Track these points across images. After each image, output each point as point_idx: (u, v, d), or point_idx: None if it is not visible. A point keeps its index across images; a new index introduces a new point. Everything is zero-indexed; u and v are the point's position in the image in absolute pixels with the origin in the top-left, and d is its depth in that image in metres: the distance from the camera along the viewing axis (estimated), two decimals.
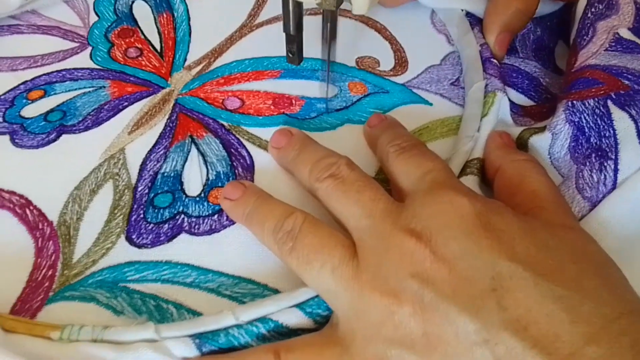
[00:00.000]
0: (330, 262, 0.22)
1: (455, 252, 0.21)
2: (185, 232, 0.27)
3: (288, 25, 0.29)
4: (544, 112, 0.33)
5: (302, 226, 0.24)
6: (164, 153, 0.30)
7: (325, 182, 0.25)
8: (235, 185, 0.27)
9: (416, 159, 0.26)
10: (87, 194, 0.29)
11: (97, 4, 0.39)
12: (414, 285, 0.20)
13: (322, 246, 0.23)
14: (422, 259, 0.21)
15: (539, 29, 0.38)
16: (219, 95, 0.34)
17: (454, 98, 0.34)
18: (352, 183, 0.24)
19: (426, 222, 0.22)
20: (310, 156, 0.27)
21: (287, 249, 0.24)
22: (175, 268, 0.26)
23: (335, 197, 0.25)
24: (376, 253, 0.22)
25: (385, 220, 0.23)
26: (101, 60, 0.35)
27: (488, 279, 0.20)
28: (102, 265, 0.26)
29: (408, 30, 0.38)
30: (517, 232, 0.21)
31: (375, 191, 0.24)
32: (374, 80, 0.35)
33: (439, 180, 0.24)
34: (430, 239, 0.21)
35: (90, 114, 0.32)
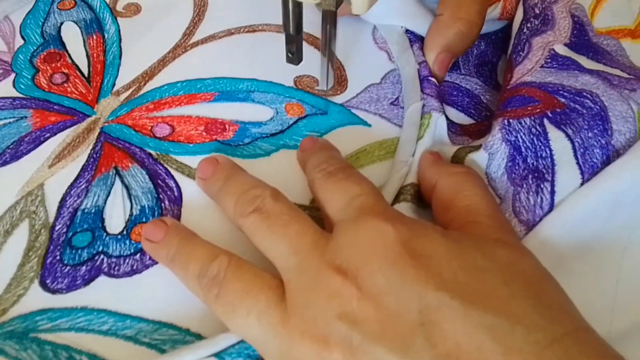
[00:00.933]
0: (256, 308, 0.21)
1: (381, 286, 0.20)
2: (105, 274, 0.26)
3: (288, 25, 0.29)
4: (482, 130, 0.32)
5: (227, 270, 0.22)
6: (86, 187, 0.29)
7: (250, 218, 0.24)
8: (157, 225, 0.26)
9: (343, 184, 0.24)
10: (1, 235, 0.27)
11: (23, 27, 0.37)
12: (342, 327, 0.19)
13: (247, 291, 0.22)
14: (349, 297, 0.20)
15: (482, 43, 0.37)
16: (148, 122, 0.32)
17: (393, 118, 0.32)
18: (278, 217, 0.23)
19: (351, 255, 0.21)
20: (235, 188, 0.26)
21: (212, 296, 0.22)
22: (91, 315, 0.24)
23: (261, 233, 0.23)
24: (304, 294, 0.21)
25: (312, 256, 0.22)
26: (24, 88, 0.33)
27: (415, 312, 0.19)
28: (13, 314, 0.24)
29: (348, 47, 0.37)
30: (444, 255, 0.20)
31: (302, 224, 0.23)
32: (312, 100, 0.33)
33: (366, 206, 0.23)
34: (356, 274, 0.20)
35: (10, 147, 0.30)
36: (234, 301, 0.22)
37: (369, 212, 0.22)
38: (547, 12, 0.33)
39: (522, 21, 0.32)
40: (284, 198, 0.24)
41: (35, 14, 0.38)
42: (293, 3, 0.28)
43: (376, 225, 0.21)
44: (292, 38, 0.29)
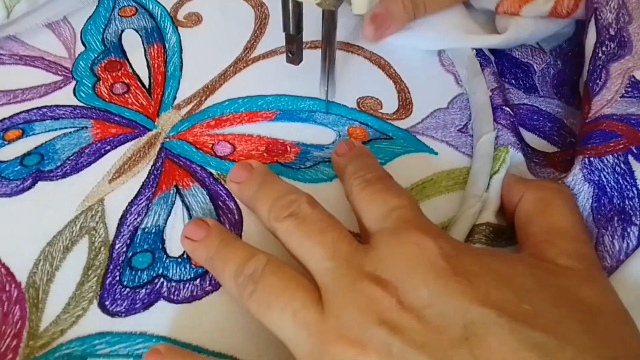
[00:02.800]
0: (292, 305, 0.21)
1: (423, 299, 0.19)
2: (164, 298, 0.25)
3: (288, 25, 0.28)
4: (568, 160, 0.30)
5: (264, 268, 0.22)
6: (146, 205, 0.28)
7: (285, 222, 0.23)
8: (198, 224, 0.25)
9: (381, 195, 0.24)
10: (60, 251, 0.26)
11: (84, 32, 0.37)
12: (381, 334, 0.19)
13: (284, 288, 0.21)
14: (390, 307, 0.20)
15: (559, 61, 0.36)
16: (209, 140, 0.31)
17: (461, 147, 0.31)
18: (314, 223, 0.23)
19: (392, 267, 0.21)
20: (270, 193, 0.25)
21: (247, 293, 0.22)
22: (150, 342, 0.24)
23: (296, 238, 0.23)
24: (341, 298, 0.21)
25: (349, 264, 0.21)
26: (85, 97, 0.33)
27: (459, 327, 0.19)
28: (71, 336, 0.24)
29: (413, 68, 0.35)
30: (491, 275, 0.20)
31: (338, 232, 0.23)
32: (376, 123, 0.32)
33: (405, 218, 0.23)
34: (397, 286, 0.20)
35: (70, 158, 0.30)
36: (270, 297, 0.21)
37: (410, 225, 0.22)
38: (622, 33, 0.31)
39: (596, 43, 0.30)
40: (319, 205, 0.24)
41: (96, 19, 0.38)
42: (293, 3, 0.28)
43: (418, 239, 0.21)
44: (292, 38, 0.29)
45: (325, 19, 0.28)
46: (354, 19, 0.38)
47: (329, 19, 0.28)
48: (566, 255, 0.22)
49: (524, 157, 0.28)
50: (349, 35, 0.38)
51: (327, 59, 0.30)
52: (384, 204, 0.23)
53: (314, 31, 0.37)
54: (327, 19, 0.28)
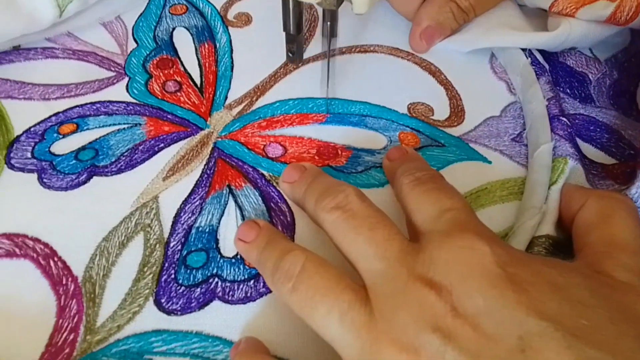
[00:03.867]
0: (338, 307, 0.20)
1: (479, 307, 0.19)
2: (219, 298, 0.25)
3: (288, 24, 0.28)
4: (628, 173, 0.29)
5: (304, 265, 0.22)
6: (200, 204, 0.28)
7: (333, 214, 0.23)
8: (250, 226, 0.25)
9: (433, 194, 0.23)
10: (116, 246, 0.27)
11: (136, 29, 0.37)
12: (435, 341, 0.19)
13: (329, 289, 0.21)
14: (444, 313, 0.19)
15: (615, 71, 0.35)
16: (260, 140, 0.31)
17: (515, 156, 0.31)
18: (364, 218, 0.22)
19: (445, 271, 0.20)
20: (319, 186, 0.25)
21: (286, 290, 0.22)
22: (206, 341, 0.24)
23: (344, 232, 0.23)
24: (392, 301, 0.20)
25: (401, 265, 0.21)
26: (138, 94, 0.33)
27: (515, 338, 0.18)
28: (128, 332, 0.24)
29: (465, 75, 0.35)
30: (547, 286, 0.20)
31: (389, 229, 0.22)
32: (428, 130, 0.32)
33: (459, 221, 0.22)
34: (451, 291, 0.19)
35: (124, 154, 0.30)
36: (314, 297, 0.21)
37: (464, 229, 0.21)
38: None
39: None
40: (368, 199, 0.24)
41: (147, 16, 0.38)
42: (293, 2, 0.27)
43: (474, 243, 0.20)
44: (292, 37, 0.29)
45: (326, 19, 0.28)
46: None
47: (330, 18, 0.28)
48: (625, 269, 0.21)
49: (583, 169, 0.28)
50: (396, 39, 0.37)
51: (328, 58, 0.30)
52: (437, 203, 0.23)
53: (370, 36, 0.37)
54: (328, 18, 0.28)
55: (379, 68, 0.36)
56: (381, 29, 0.38)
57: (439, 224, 0.22)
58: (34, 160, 0.30)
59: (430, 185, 0.24)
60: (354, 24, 0.38)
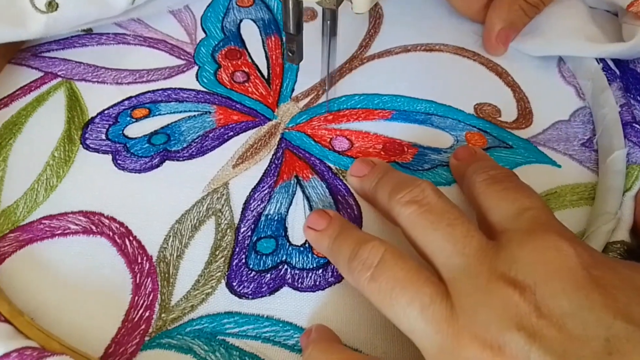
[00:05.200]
0: (419, 300, 0.20)
1: (564, 309, 0.19)
2: (288, 285, 0.26)
3: (288, 24, 0.28)
4: None
5: (383, 256, 0.22)
6: (269, 193, 0.29)
7: (409, 207, 0.23)
8: (320, 215, 0.26)
9: (510, 193, 0.23)
10: (189, 229, 0.27)
11: (204, 20, 0.38)
12: (520, 340, 0.18)
13: (410, 281, 0.21)
14: (527, 312, 0.19)
15: None
16: (327, 134, 0.32)
17: (585, 161, 0.30)
18: (442, 214, 0.22)
19: (529, 270, 0.20)
20: (392, 180, 0.25)
21: (364, 279, 0.22)
22: (277, 326, 0.24)
23: (422, 227, 0.23)
24: (473, 298, 0.20)
25: (481, 262, 0.21)
26: (207, 82, 0.34)
27: (602, 340, 0.18)
28: (201, 312, 0.25)
29: (532, 78, 0.35)
30: (631, 289, 0.19)
31: (467, 226, 0.22)
32: (495, 131, 0.32)
33: (540, 220, 0.22)
34: (534, 291, 0.19)
35: (195, 140, 0.31)
36: (394, 289, 0.21)
37: (547, 229, 0.21)
38: None
39: None
40: (444, 195, 0.24)
41: (215, 7, 0.39)
42: (293, 2, 0.27)
43: (557, 243, 0.20)
44: (292, 37, 0.29)
45: (326, 18, 0.28)
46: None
47: (330, 17, 0.28)
48: None
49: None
50: (461, 39, 0.37)
51: (328, 58, 0.30)
52: (515, 202, 0.23)
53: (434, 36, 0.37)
54: (327, 17, 0.28)
55: (444, 67, 0.36)
56: (445, 28, 0.38)
57: (518, 223, 0.22)
58: (108, 142, 0.31)
59: (507, 183, 0.24)
60: (418, 20, 0.38)
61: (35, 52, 0.35)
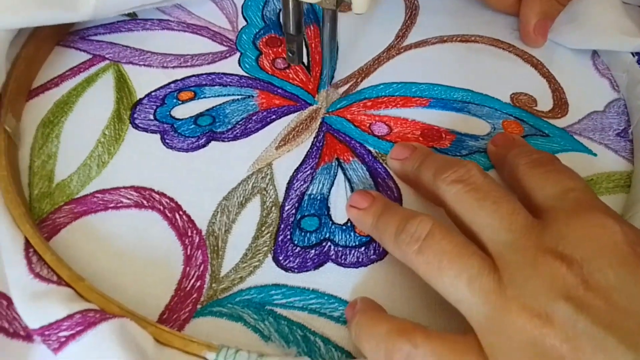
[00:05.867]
0: (467, 272, 0.21)
1: (610, 282, 0.19)
2: (332, 261, 0.26)
3: (288, 24, 0.29)
4: None
5: (431, 229, 0.22)
6: (311, 174, 0.30)
7: (455, 186, 0.24)
8: (363, 195, 0.27)
9: (554, 175, 0.24)
10: (236, 206, 0.28)
11: (245, 8, 0.39)
12: (568, 309, 0.19)
13: (458, 254, 0.22)
14: (575, 284, 0.19)
15: None
16: (366, 119, 0.32)
17: (620, 151, 0.31)
18: (488, 192, 0.23)
19: (576, 245, 0.20)
20: (436, 160, 0.26)
21: (412, 251, 0.22)
22: (322, 299, 0.25)
23: (468, 204, 0.23)
24: (521, 270, 0.20)
25: (528, 238, 0.21)
26: (249, 68, 0.35)
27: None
28: (250, 283, 0.26)
29: (567, 69, 0.36)
30: None
31: (513, 204, 0.22)
32: (532, 120, 0.33)
33: (584, 200, 0.22)
34: (582, 265, 0.20)
35: (239, 123, 0.32)
36: (442, 261, 0.21)
37: (592, 208, 0.22)
38: None
39: None
40: (489, 175, 0.24)
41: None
42: (293, 2, 0.28)
43: (603, 221, 0.21)
44: (292, 37, 0.30)
45: (326, 18, 0.29)
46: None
47: (330, 18, 0.29)
48: None
49: None
50: (497, 32, 0.38)
51: (329, 57, 0.30)
52: (558, 183, 0.23)
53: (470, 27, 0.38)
54: (327, 18, 0.29)
55: (480, 57, 0.36)
56: (480, 21, 0.39)
57: (563, 203, 0.23)
58: (156, 122, 0.32)
59: (550, 166, 0.25)
60: (454, 11, 0.39)
61: (83, 35, 0.37)
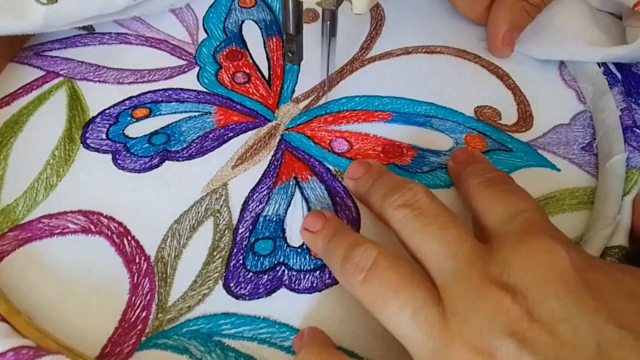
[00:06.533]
0: (412, 304, 0.20)
1: (555, 313, 0.19)
2: (285, 286, 0.26)
3: (288, 24, 0.28)
4: None
5: (377, 258, 0.22)
6: (267, 194, 0.29)
7: (402, 211, 0.23)
8: (316, 216, 0.26)
9: (505, 195, 0.23)
10: (187, 229, 0.27)
11: (206, 20, 0.38)
12: (511, 346, 0.18)
13: (403, 285, 0.21)
14: (519, 317, 0.19)
15: None
16: (326, 135, 0.32)
17: (585, 165, 0.30)
18: (434, 217, 0.22)
19: (520, 274, 0.20)
20: (385, 182, 0.25)
21: (357, 282, 0.22)
22: (273, 327, 0.24)
23: (414, 229, 0.22)
24: (465, 302, 0.20)
25: (473, 266, 0.20)
26: (208, 83, 0.34)
27: (594, 346, 0.18)
28: (198, 313, 0.25)
29: (533, 81, 0.35)
30: (624, 293, 0.19)
31: (460, 229, 0.22)
32: (495, 134, 0.32)
33: (533, 223, 0.22)
34: (526, 295, 0.19)
35: (195, 141, 0.31)
36: (387, 292, 0.21)
37: (539, 231, 0.21)
38: None
39: None
40: (437, 197, 0.24)
41: (217, 8, 0.39)
42: (293, 2, 0.27)
43: (550, 247, 0.20)
44: (292, 37, 0.29)
45: (326, 19, 0.28)
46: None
47: (330, 18, 0.28)
48: None
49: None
50: (463, 42, 0.37)
51: (328, 57, 0.30)
52: (509, 205, 0.23)
53: (436, 38, 0.37)
54: (327, 18, 0.28)
55: (445, 69, 0.35)
56: (447, 30, 0.38)
57: (512, 226, 0.22)
58: (108, 142, 0.31)
59: (502, 186, 0.24)
60: (419, 22, 0.38)
61: (38, 51, 0.36)
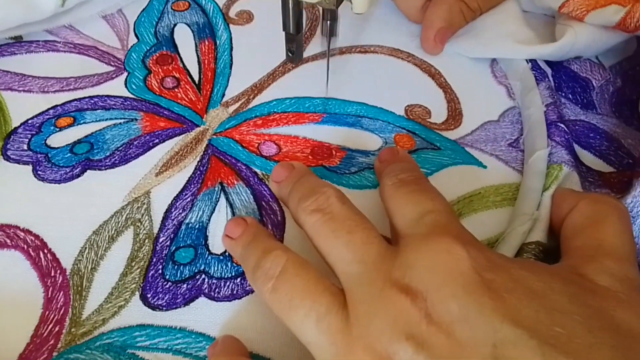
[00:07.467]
0: (316, 310, 0.20)
1: (453, 314, 0.18)
2: (205, 295, 0.25)
3: (287, 24, 0.28)
4: (625, 182, 0.29)
5: (285, 266, 0.22)
6: (191, 201, 0.28)
7: (313, 216, 0.23)
8: (237, 222, 0.25)
9: (415, 196, 0.23)
10: (106, 240, 0.27)
11: (137, 25, 0.38)
12: (408, 349, 0.18)
13: (308, 291, 0.21)
14: (418, 320, 0.19)
15: (619, 79, 0.34)
16: (255, 139, 0.31)
17: (511, 162, 0.30)
18: (343, 221, 0.22)
19: (421, 276, 0.20)
20: (302, 187, 0.25)
21: (266, 290, 0.21)
22: (190, 337, 0.24)
23: (324, 235, 0.22)
24: (367, 306, 0.20)
25: (377, 269, 0.20)
26: (136, 89, 0.33)
27: (489, 345, 0.18)
28: (112, 325, 0.24)
29: (464, 78, 0.35)
30: (525, 293, 0.19)
31: (367, 232, 0.22)
32: (424, 132, 0.32)
33: (439, 224, 0.22)
34: (425, 297, 0.19)
35: (119, 149, 0.30)
36: (293, 299, 0.21)
37: (442, 232, 0.21)
38: None
39: None
40: (349, 201, 0.23)
41: (149, 12, 0.38)
42: (293, 2, 0.27)
43: (450, 247, 0.20)
44: (292, 37, 0.29)
45: (326, 18, 0.28)
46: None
47: (330, 17, 0.28)
48: (608, 274, 0.21)
49: (578, 176, 0.27)
50: (397, 40, 0.37)
51: (328, 57, 0.30)
52: (417, 205, 0.23)
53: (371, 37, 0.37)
54: (327, 17, 0.28)
55: (377, 69, 0.35)
56: (382, 29, 0.38)
57: (418, 227, 0.22)
58: (29, 153, 0.30)
59: (413, 187, 0.24)
60: (354, 23, 0.38)
61: None
